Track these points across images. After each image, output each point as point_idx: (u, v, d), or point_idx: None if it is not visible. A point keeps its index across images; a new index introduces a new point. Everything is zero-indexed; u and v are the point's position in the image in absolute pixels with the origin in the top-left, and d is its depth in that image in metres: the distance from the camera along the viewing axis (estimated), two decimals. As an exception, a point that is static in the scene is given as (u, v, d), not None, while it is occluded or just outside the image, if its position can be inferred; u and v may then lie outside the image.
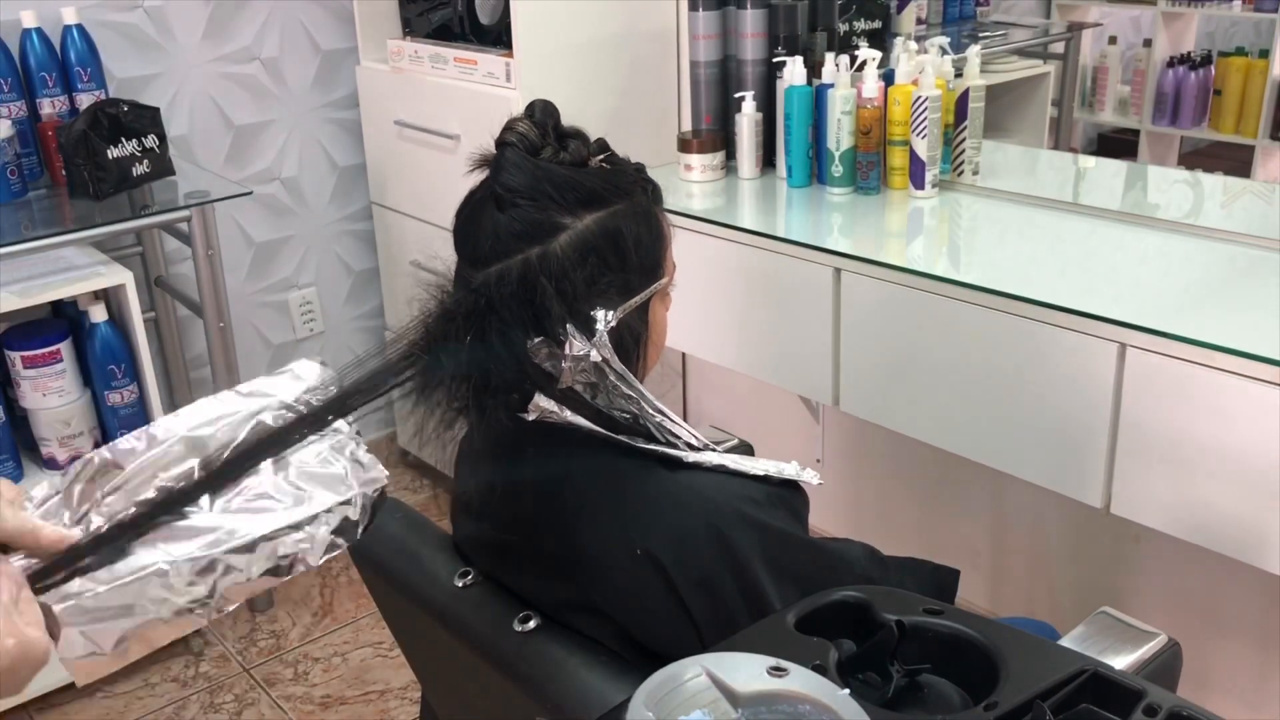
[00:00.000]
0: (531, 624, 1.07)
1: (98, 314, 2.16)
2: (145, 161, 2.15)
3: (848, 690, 0.85)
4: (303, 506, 0.92)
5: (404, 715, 2.19)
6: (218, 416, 0.94)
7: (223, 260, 2.25)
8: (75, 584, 0.81)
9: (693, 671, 0.83)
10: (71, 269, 2.11)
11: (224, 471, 0.89)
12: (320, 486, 0.93)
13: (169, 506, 0.87)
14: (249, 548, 0.88)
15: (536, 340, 0.99)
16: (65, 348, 2.16)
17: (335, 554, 0.93)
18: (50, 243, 2.01)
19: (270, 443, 0.91)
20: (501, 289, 0.98)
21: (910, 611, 0.98)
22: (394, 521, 1.26)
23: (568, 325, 0.99)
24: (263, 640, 2.41)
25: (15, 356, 2.13)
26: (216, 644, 2.40)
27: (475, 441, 1.14)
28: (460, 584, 1.14)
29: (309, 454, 0.94)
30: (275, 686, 2.28)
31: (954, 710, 0.93)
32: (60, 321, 2.24)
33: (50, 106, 2.21)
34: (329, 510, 0.93)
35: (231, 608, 0.88)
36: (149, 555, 0.85)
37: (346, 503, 0.94)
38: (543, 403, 1.02)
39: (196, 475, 0.90)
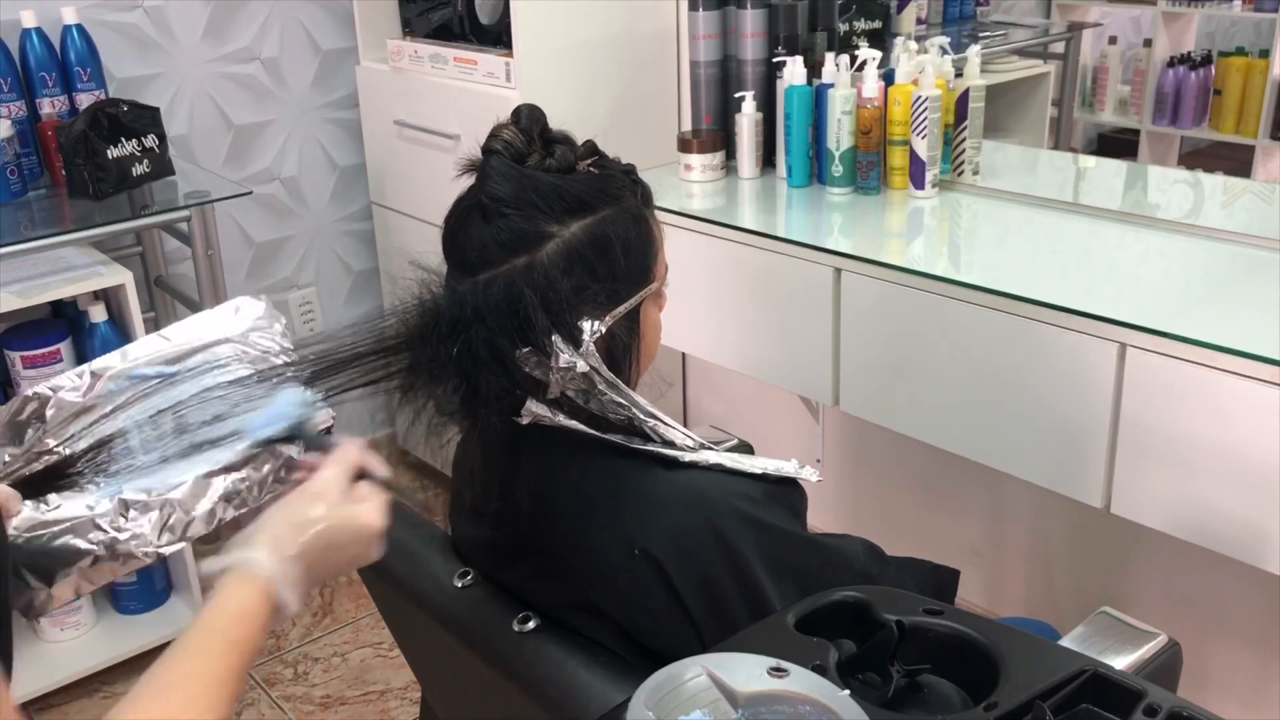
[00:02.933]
0: (531, 624, 1.07)
1: (97, 314, 2.16)
2: (145, 161, 2.15)
3: (848, 691, 0.85)
4: (247, 445, 0.93)
5: (404, 715, 2.19)
6: (156, 353, 0.96)
7: (223, 260, 2.25)
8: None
9: (693, 671, 0.83)
10: (71, 269, 2.11)
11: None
12: (267, 427, 0.94)
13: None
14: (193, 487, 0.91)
15: (524, 350, 0.99)
16: (65, 348, 2.16)
17: (279, 493, 0.94)
18: (50, 243, 2.01)
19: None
20: (487, 299, 0.98)
21: (910, 611, 0.98)
22: (394, 522, 1.26)
23: (554, 336, 0.99)
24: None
25: (15, 356, 2.13)
26: (216, 644, 2.39)
27: (473, 443, 1.14)
28: (460, 584, 1.14)
29: (259, 394, 0.95)
30: (275, 686, 2.28)
31: (954, 710, 0.93)
32: (60, 321, 2.23)
33: (50, 106, 2.21)
34: (272, 450, 0.94)
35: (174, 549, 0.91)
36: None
37: (288, 439, 0.95)
38: (535, 408, 1.02)
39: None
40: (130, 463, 0.91)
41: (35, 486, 0.91)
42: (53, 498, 0.90)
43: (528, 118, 1.06)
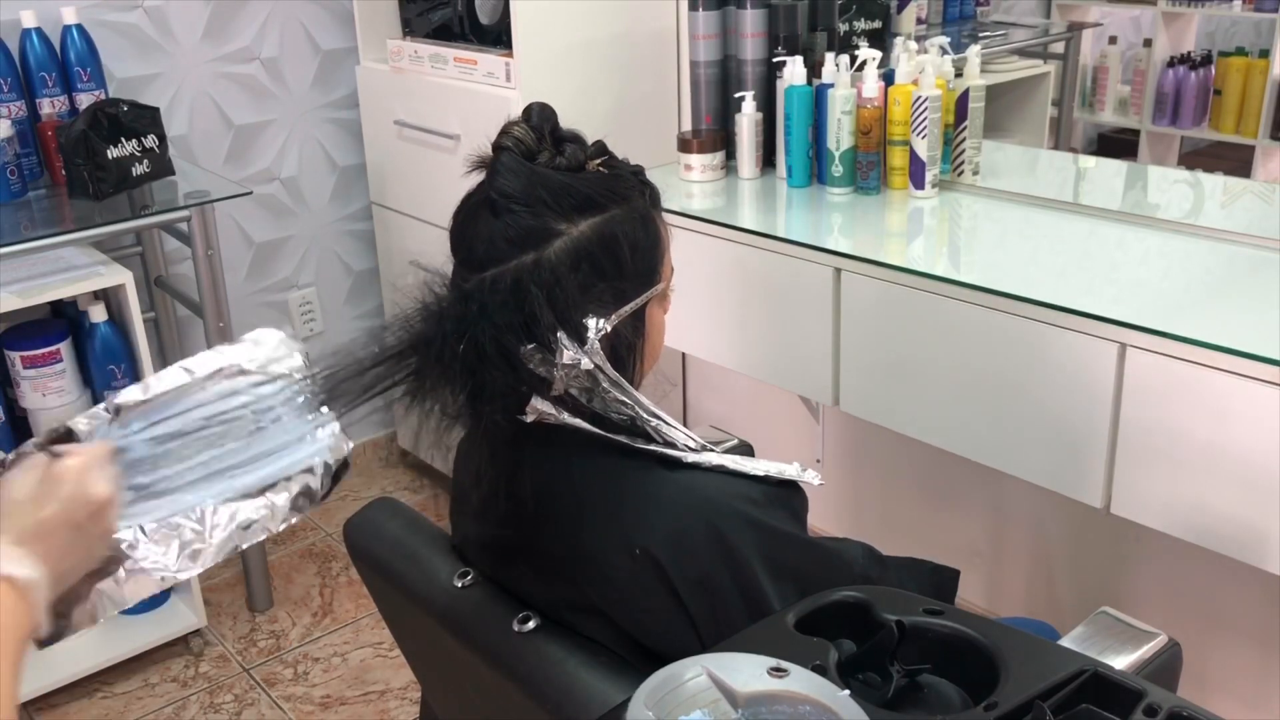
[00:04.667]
0: (531, 624, 1.07)
1: (98, 314, 2.16)
2: (145, 161, 2.15)
3: (848, 691, 0.85)
4: (264, 473, 0.93)
5: (404, 715, 2.19)
6: (182, 384, 0.96)
7: (223, 260, 2.25)
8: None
9: (693, 671, 0.83)
10: (71, 269, 2.11)
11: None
12: (284, 455, 0.95)
13: None
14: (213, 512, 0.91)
15: (529, 347, 0.99)
16: (65, 348, 2.16)
17: (295, 520, 0.94)
18: (50, 243, 2.01)
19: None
20: (493, 295, 0.98)
21: (910, 612, 0.98)
22: (394, 522, 1.26)
23: (559, 333, 0.99)
24: (263, 640, 2.41)
25: (15, 356, 2.13)
26: (216, 644, 2.40)
27: (474, 442, 1.14)
28: (460, 584, 1.14)
29: (277, 423, 0.96)
30: (275, 686, 2.28)
31: (954, 710, 0.93)
32: (60, 321, 2.23)
33: (50, 106, 2.21)
34: (289, 478, 0.94)
35: (191, 574, 0.90)
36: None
37: (308, 470, 0.95)
38: (540, 405, 1.02)
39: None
40: (150, 489, 0.91)
41: None
42: None
43: (539, 116, 1.06)
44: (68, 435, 0.93)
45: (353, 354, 0.98)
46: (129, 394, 0.95)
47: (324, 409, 0.97)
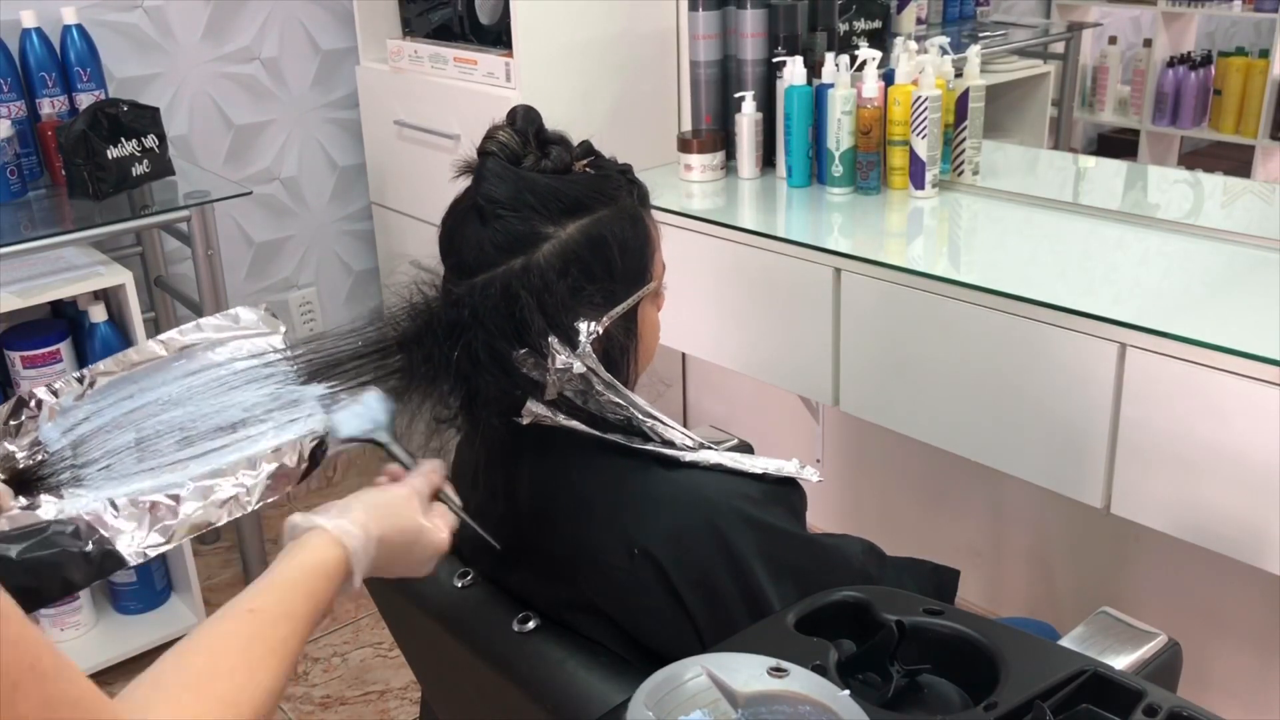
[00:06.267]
0: (531, 624, 1.07)
1: (97, 314, 2.16)
2: (145, 161, 2.15)
3: (848, 691, 0.85)
4: (240, 451, 0.93)
5: (404, 715, 2.19)
6: (153, 356, 0.97)
7: (222, 260, 2.25)
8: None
9: (693, 671, 0.83)
10: (71, 269, 2.11)
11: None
12: (261, 432, 0.95)
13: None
14: (186, 490, 0.91)
15: (521, 352, 0.99)
16: (65, 348, 2.16)
17: (271, 500, 0.95)
18: (50, 243, 2.01)
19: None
20: (484, 302, 0.98)
21: (910, 611, 0.98)
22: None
23: (550, 338, 0.99)
24: (263, 640, 2.41)
25: (15, 356, 2.12)
26: (216, 644, 2.39)
27: (473, 443, 1.14)
28: (460, 585, 1.14)
29: (253, 400, 0.96)
30: (275, 686, 2.27)
31: (954, 710, 0.93)
32: (60, 322, 2.23)
33: (50, 106, 2.21)
34: (264, 457, 0.94)
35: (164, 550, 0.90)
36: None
37: (283, 449, 0.95)
38: (535, 408, 1.02)
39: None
40: (123, 463, 0.91)
41: (28, 484, 0.91)
42: (44, 496, 0.90)
43: (523, 119, 1.06)
44: (37, 405, 0.93)
45: (335, 342, 0.98)
46: (104, 365, 0.95)
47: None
